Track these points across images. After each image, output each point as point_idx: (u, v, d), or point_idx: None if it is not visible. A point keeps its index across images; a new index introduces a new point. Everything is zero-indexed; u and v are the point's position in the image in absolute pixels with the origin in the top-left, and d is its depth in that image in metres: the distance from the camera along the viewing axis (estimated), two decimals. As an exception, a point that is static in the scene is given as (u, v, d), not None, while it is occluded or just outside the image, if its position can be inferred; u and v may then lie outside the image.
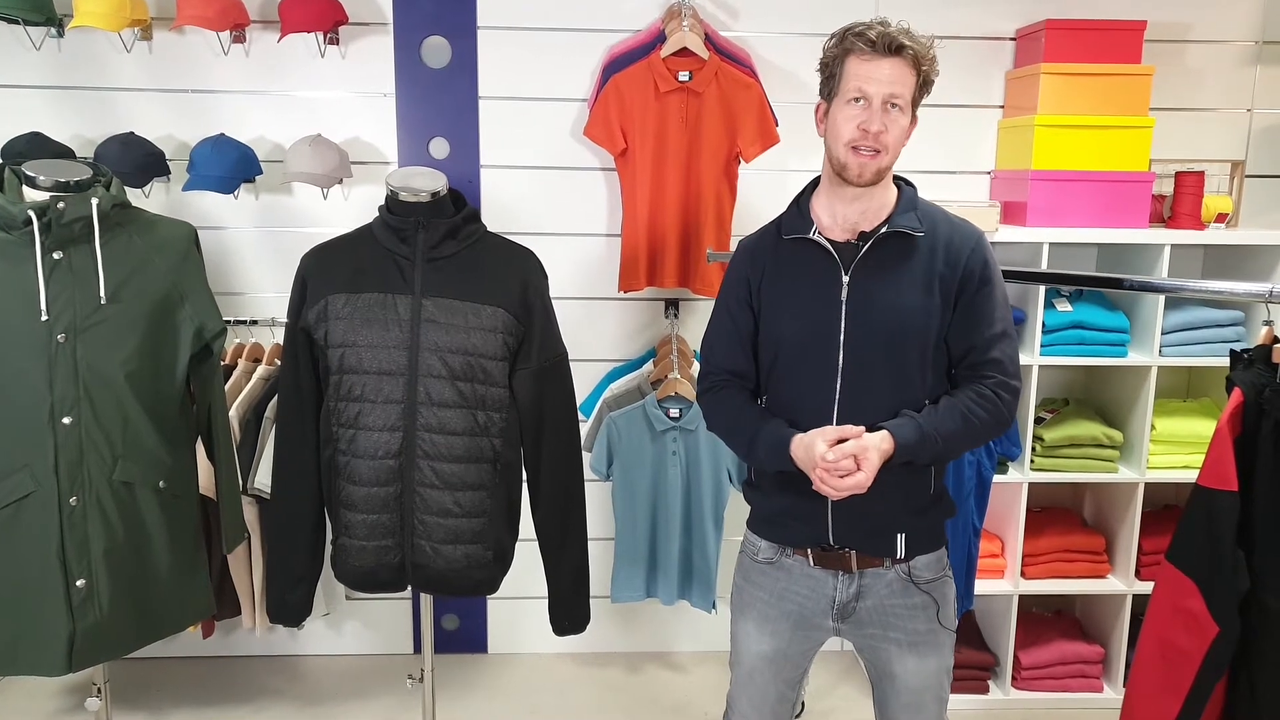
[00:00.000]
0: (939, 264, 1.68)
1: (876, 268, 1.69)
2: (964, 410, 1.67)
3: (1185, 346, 2.83)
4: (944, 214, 1.75)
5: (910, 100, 1.65)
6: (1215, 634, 1.67)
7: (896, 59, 1.61)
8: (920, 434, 1.64)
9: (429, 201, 1.97)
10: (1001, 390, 1.69)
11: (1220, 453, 1.69)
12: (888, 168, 1.67)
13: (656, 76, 2.79)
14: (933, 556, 1.79)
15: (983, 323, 1.69)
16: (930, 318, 1.68)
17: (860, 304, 1.68)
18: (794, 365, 1.74)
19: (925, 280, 1.68)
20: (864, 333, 1.68)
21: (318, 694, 3.07)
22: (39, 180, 1.84)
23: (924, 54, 1.63)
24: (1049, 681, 3.03)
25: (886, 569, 1.76)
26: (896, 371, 1.68)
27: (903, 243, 1.69)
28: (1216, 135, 3.07)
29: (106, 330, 1.82)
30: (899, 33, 1.62)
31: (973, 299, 1.69)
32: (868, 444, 1.61)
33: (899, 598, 1.77)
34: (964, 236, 1.71)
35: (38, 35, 2.81)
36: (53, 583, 1.80)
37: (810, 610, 1.81)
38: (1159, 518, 3.05)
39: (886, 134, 1.63)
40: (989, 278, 1.70)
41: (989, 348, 1.69)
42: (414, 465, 1.92)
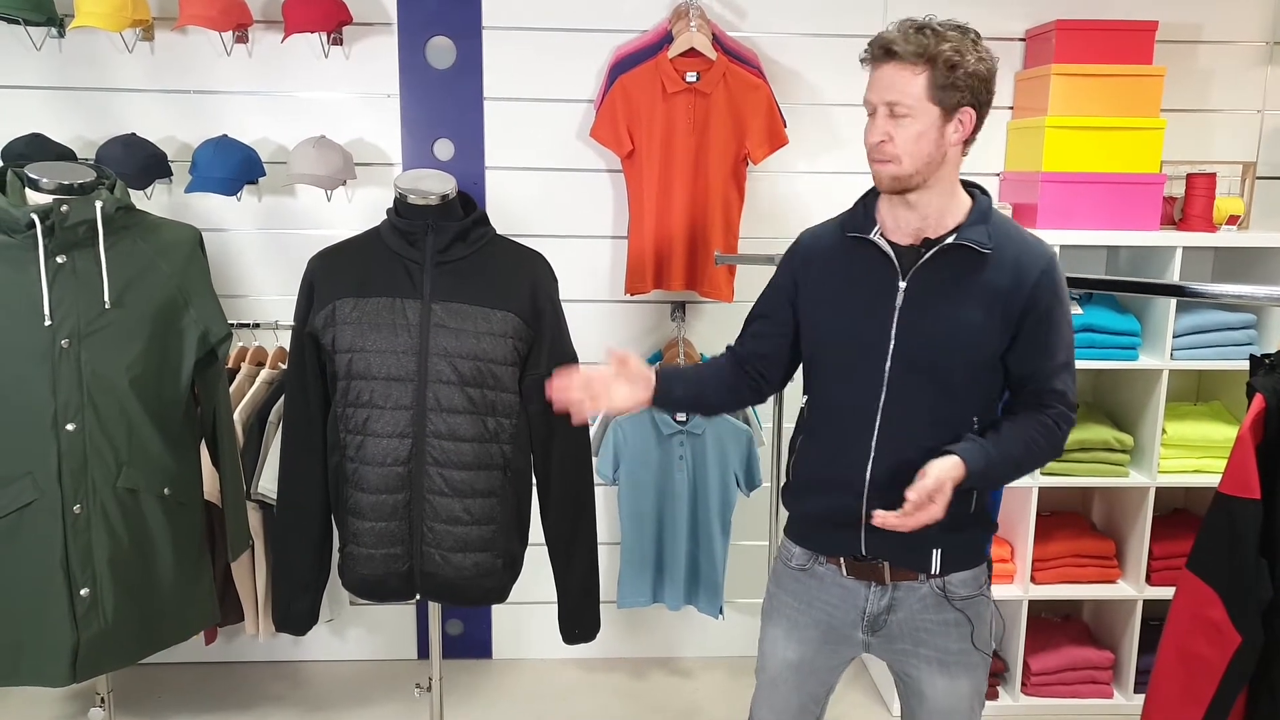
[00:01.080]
0: (1003, 283, 1.61)
1: (936, 277, 1.63)
2: (1028, 440, 1.63)
3: (1196, 349, 2.81)
4: (1017, 230, 1.67)
5: (925, 100, 1.53)
6: (1238, 644, 1.64)
7: (891, 63, 1.54)
8: (990, 462, 1.59)
9: (438, 204, 1.94)
10: (1062, 422, 1.65)
11: (1242, 460, 1.66)
12: (912, 174, 1.58)
13: (664, 77, 2.77)
14: (970, 574, 1.73)
15: (1047, 351, 1.63)
16: (986, 336, 1.62)
17: (914, 312, 1.63)
18: (838, 367, 1.70)
19: (986, 298, 1.61)
20: (915, 342, 1.63)
21: (321, 700, 3.04)
22: (42, 183, 1.82)
23: (919, 51, 1.52)
24: (1059, 687, 3.00)
25: (920, 583, 1.71)
26: (943, 385, 1.63)
27: (968, 256, 1.61)
28: (1227, 137, 3.05)
29: (111, 335, 1.80)
30: (892, 35, 1.54)
31: (1038, 325, 1.62)
32: (944, 481, 1.54)
33: (931, 613, 1.72)
34: (1034, 257, 1.63)
35: (38, 35, 2.78)
36: (56, 592, 1.78)
37: (840, 620, 1.77)
38: (1169, 522, 3.03)
39: (889, 143, 1.56)
40: (1057, 304, 1.63)
41: (1052, 377, 1.64)
42: (423, 472, 1.90)
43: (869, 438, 1.66)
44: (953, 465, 1.55)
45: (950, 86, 1.53)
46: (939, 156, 1.57)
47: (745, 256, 2.85)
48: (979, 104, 1.57)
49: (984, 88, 1.56)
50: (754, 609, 3.27)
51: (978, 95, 1.55)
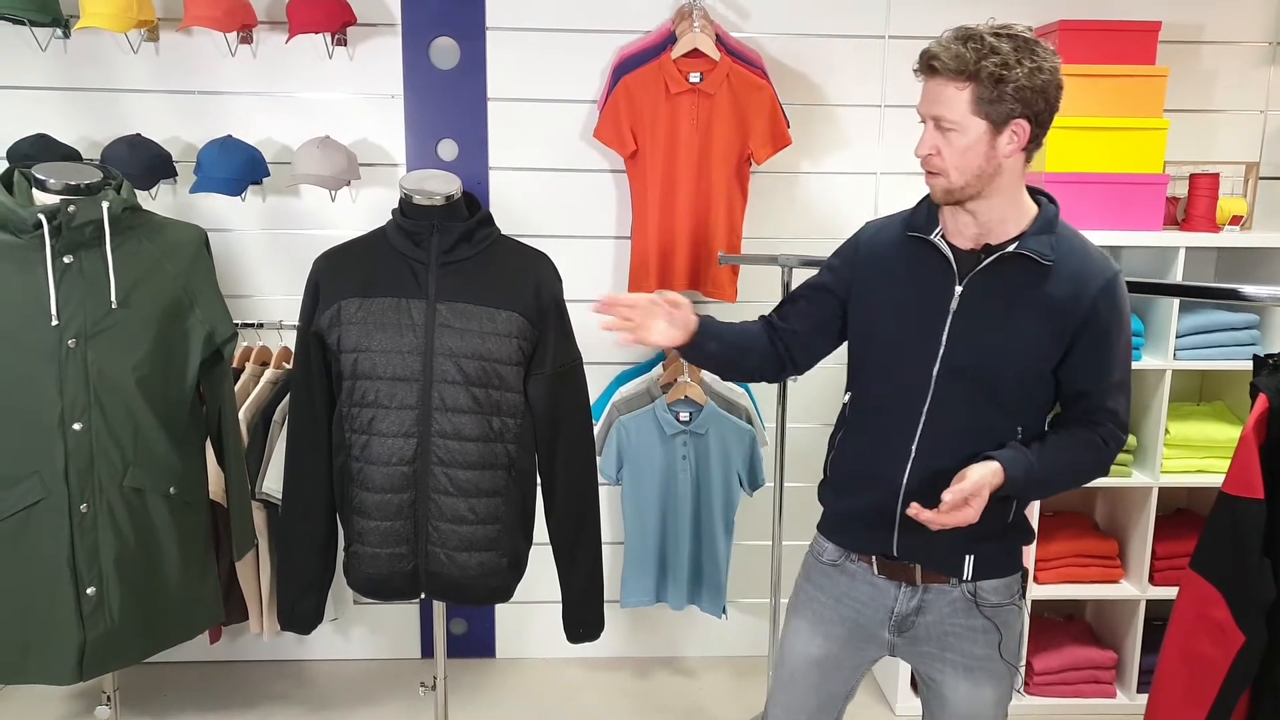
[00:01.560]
0: (1061, 295, 1.58)
1: (993, 285, 1.60)
2: (1073, 456, 1.62)
3: (1199, 350, 2.81)
4: (1081, 243, 1.64)
5: (970, 114, 1.50)
6: (1241, 643, 1.65)
7: (935, 79, 1.53)
8: (1030, 472, 1.57)
9: (443, 205, 1.94)
10: (1111, 441, 1.62)
11: (1246, 460, 1.67)
12: (962, 187, 1.55)
13: (667, 78, 2.77)
14: (1002, 582, 1.71)
15: (1102, 369, 1.60)
16: (1038, 348, 1.60)
17: (968, 317, 1.61)
18: (886, 369, 1.68)
19: (1042, 309, 1.58)
20: (965, 347, 1.61)
21: (325, 699, 3.04)
22: (49, 183, 1.82)
23: (960, 68, 1.48)
24: (1061, 687, 3.00)
25: (951, 586, 1.69)
26: (990, 394, 1.61)
27: (1027, 266, 1.58)
28: (1231, 137, 3.05)
29: (117, 335, 1.80)
30: (935, 49, 1.51)
31: (1095, 342, 1.59)
32: (983, 484, 1.52)
33: (960, 618, 1.70)
34: (1096, 272, 1.59)
35: (44, 36, 2.79)
36: (63, 591, 1.78)
37: (867, 619, 1.75)
38: (1172, 522, 3.03)
39: (937, 156, 1.55)
40: (1116, 321, 1.60)
41: (1105, 395, 1.61)
42: (428, 471, 1.90)
43: (910, 440, 1.65)
44: (993, 472, 1.54)
45: (997, 100, 1.49)
46: (990, 169, 1.54)
47: (748, 257, 2.85)
48: (1034, 114, 1.51)
49: (1038, 98, 1.50)
50: (757, 609, 3.29)
51: (1031, 106, 1.50)
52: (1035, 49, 1.50)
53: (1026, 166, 1.59)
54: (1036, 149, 1.57)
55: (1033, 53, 1.49)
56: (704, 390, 2.89)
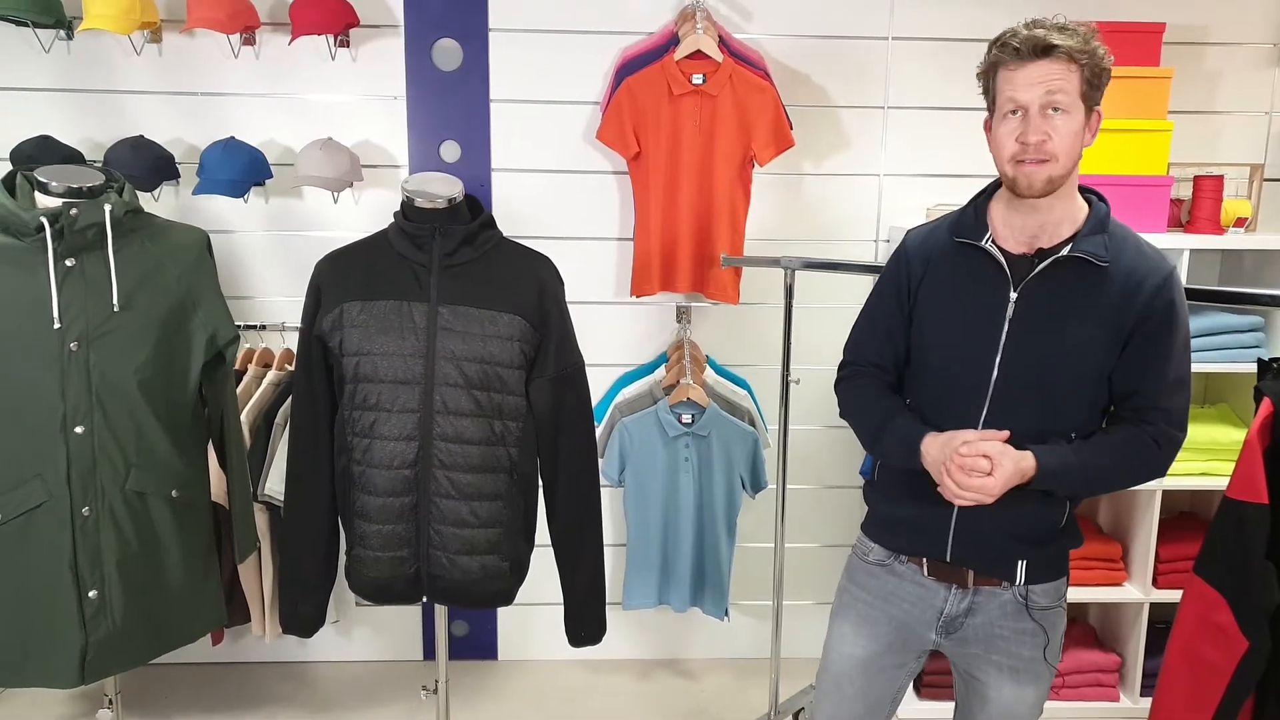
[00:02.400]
0: (1116, 296, 1.56)
1: (1049, 290, 1.58)
2: (1120, 453, 1.59)
3: (1204, 352, 2.80)
4: (1135, 241, 1.61)
5: (1079, 97, 1.51)
6: (1245, 649, 1.64)
7: (1047, 60, 1.49)
8: (1065, 464, 1.56)
9: (445, 208, 1.94)
10: (1163, 441, 1.59)
11: (1250, 464, 1.66)
12: (1064, 175, 1.53)
13: (670, 79, 2.77)
14: (1052, 585, 1.71)
15: (1156, 368, 1.58)
16: (1096, 353, 1.58)
17: (1025, 324, 1.59)
18: (942, 377, 1.67)
19: (1099, 313, 1.56)
20: (1023, 355, 1.59)
21: (327, 701, 3.05)
22: (51, 186, 1.82)
23: (1080, 47, 1.49)
24: (1064, 690, 3.00)
25: (1003, 590, 1.69)
26: (1049, 401, 1.60)
27: (1083, 268, 1.57)
28: (1235, 138, 3.04)
29: (119, 338, 1.80)
30: (1049, 30, 1.49)
31: (1149, 341, 1.57)
32: (1007, 450, 1.53)
33: (1010, 620, 1.70)
34: (1150, 270, 1.57)
35: (47, 38, 2.79)
36: (65, 594, 1.78)
37: (915, 619, 1.74)
38: (1175, 525, 3.02)
39: (1050, 141, 1.51)
40: (1172, 320, 1.57)
41: (1159, 395, 1.59)
42: (430, 475, 1.90)
43: None
44: (1022, 455, 1.54)
45: (1097, 85, 1.52)
46: (1078, 155, 1.54)
47: (751, 259, 2.85)
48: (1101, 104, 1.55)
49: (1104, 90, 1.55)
50: (760, 611, 3.28)
51: (1100, 97, 1.55)
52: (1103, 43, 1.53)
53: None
54: None
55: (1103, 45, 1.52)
56: (706, 392, 2.88)
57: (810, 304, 3.04)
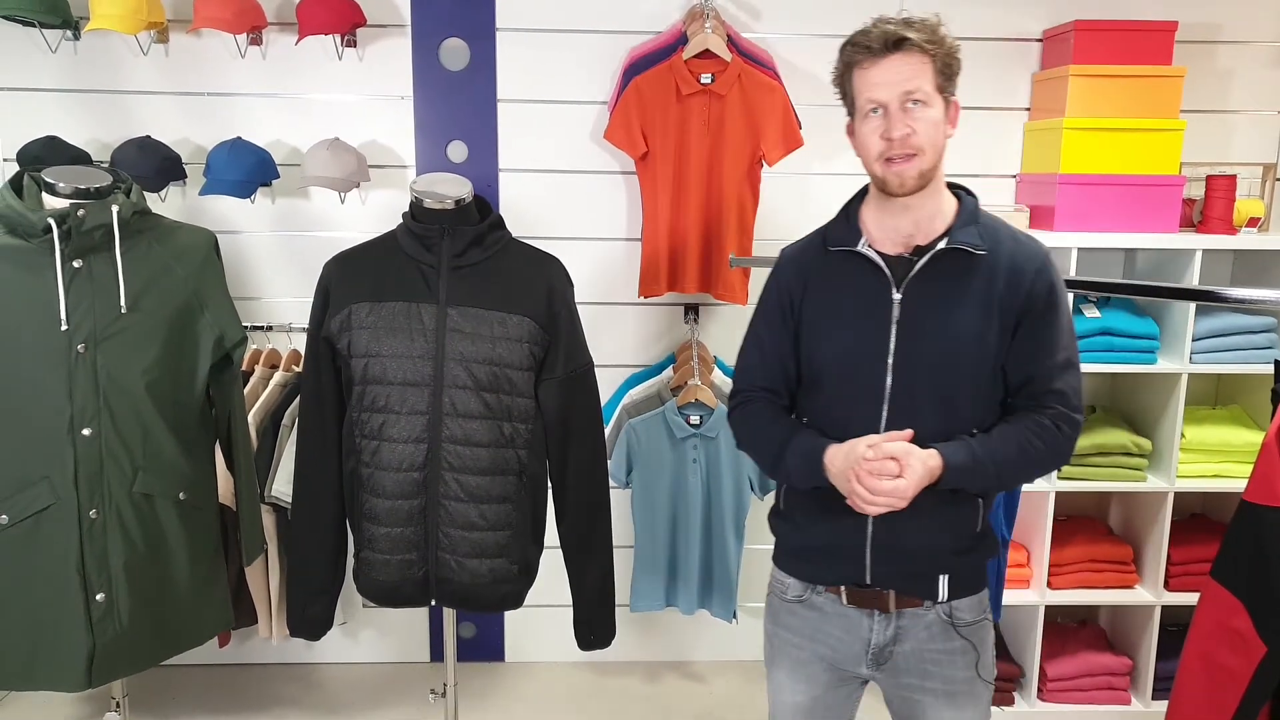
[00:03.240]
0: (1000, 285, 1.55)
1: (932, 286, 1.56)
2: (1021, 440, 1.55)
3: (1216, 353, 2.78)
4: (1008, 229, 1.60)
5: (934, 88, 1.51)
6: (1263, 654, 1.62)
7: (901, 54, 1.49)
8: (972, 458, 1.53)
9: (454, 209, 1.93)
10: (1062, 423, 1.56)
11: (1268, 467, 1.64)
12: (932, 168, 1.53)
13: (678, 79, 2.75)
14: (975, 599, 1.66)
15: (1045, 351, 1.56)
16: (987, 343, 1.55)
17: (912, 324, 1.56)
18: (837, 387, 1.62)
19: (984, 302, 1.55)
20: (915, 355, 1.56)
21: (334, 703, 3.04)
22: (59, 187, 1.81)
23: (930, 38, 1.49)
24: (1075, 693, 2.98)
25: (926, 610, 1.63)
26: (947, 399, 1.56)
27: (962, 260, 1.55)
28: (1248, 138, 3.02)
29: (127, 340, 1.79)
30: (899, 25, 1.49)
31: (1035, 325, 1.55)
32: (912, 449, 1.50)
33: (939, 642, 1.64)
34: (1029, 256, 1.57)
35: (54, 38, 2.79)
36: (72, 597, 1.77)
37: (844, 655, 1.68)
38: (1187, 527, 3.00)
39: (915, 135, 1.49)
40: (1054, 302, 1.56)
41: (1051, 378, 1.56)
42: (439, 477, 1.89)
43: None
44: (929, 454, 1.51)
45: (950, 74, 1.53)
46: (942, 146, 1.54)
47: (760, 259, 2.83)
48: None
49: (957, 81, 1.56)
50: (768, 613, 3.26)
51: (955, 87, 1.55)
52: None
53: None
54: None
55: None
56: (715, 393, 2.87)
57: (819, 304, 3.02)
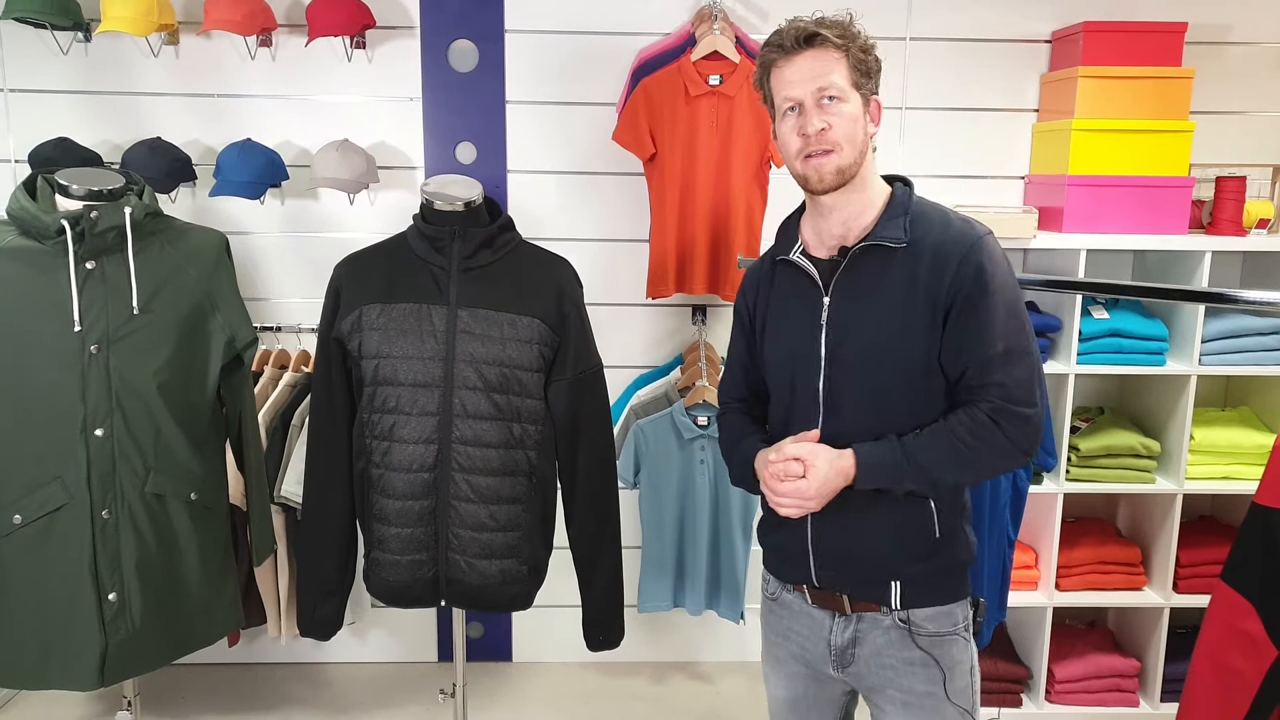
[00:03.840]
0: (924, 275, 1.49)
1: (856, 285, 1.54)
2: (950, 436, 1.49)
3: (1225, 355, 2.78)
4: (941, 217, 1.54)
5: (849, 85, 1.49)
6: (1274, 657, 1.61)
7: (813, 50, 1.48)
8: (890, 458, 1.48)
9: (464, 210, 1.94)
10: (1000, 417, 1.47)
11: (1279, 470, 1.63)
12: (852, 165, 1.51)
13: (686, 80, 2.76)
14: (940, 611, 1.58)
15: (977, 341, 1.48)
16: (914, 338, 1.50)
17: (839, 325, 1.54)
18: (782, 393, 1.63)
19: (908, 296, 1.50)
20: (842, 356, 1.54)
21: (343, 702, 3.05)
22: (72, 189, 1.82)
23: (841, 34, 1.48)
24: (1083, 695, 2.97)
25: (884, 615, 1.58)
26: (880, 399, 1.53)
27: (885, 256, 1.52)
28: (1258, 139, 3.01)
29: (139, 341, 1.80)
30: (810, 23, 1.49)
31: (964, 313, 1.48)
32: (820, 450, 1.49)
33: (896, 649, 1.58)
34: (955, 242, 1.50)
35: (65, 40, 2.80)
36: (85, 597, 1.78)
37: (812, 654, 1.66)
38: (1195, 529, 2.99)
39: (830, 130, 1.48)
40: (985, 286, 1.47)
41: (987, 369, 1.48)
42: (449, 478, 1.89)
43: None
44: (840, 453, 1.50)
45: (865, 72, 1.51)
46: (863, 146, 1.52)
47: (768, 260, 2.83)
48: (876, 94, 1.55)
49: (877, 77, 1.54)
50: (775, 614, 3.27)
51: (878, 86, 1.54)
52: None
53: (873, 153, 1.56)
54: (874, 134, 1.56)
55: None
56: (723, 394, 2.87)
57: (827, 306, 3.02)
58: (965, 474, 1.54)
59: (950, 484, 1.54)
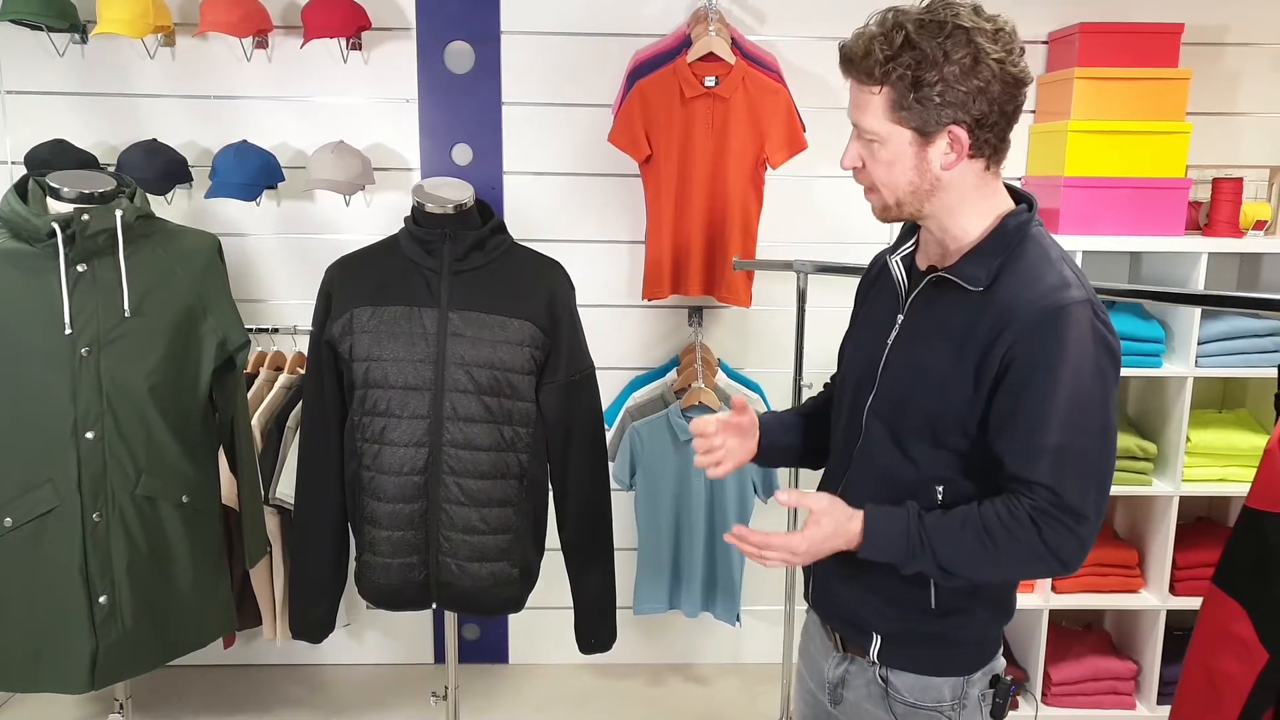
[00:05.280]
0: (982, 330, 1.27)
1: (924, 313, 1.37)
2: (978, 528, 1.27)
3: (1222, 357, 2.77)
4: (1038, 265, 1.29)
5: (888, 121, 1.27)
6: (1265, 661, 1.61)
7: (852, 79, 1.31)
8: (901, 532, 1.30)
9: (455, 213, 1.94)
10: (1043, 520, 1.24)
11: (1270, 474, 1.63)
12: (898, 204, 1.33)
13: (682, 82, 2.75)
14: (921, 680, 1.40)
15: (1024, 427, 1.24)
16: (949, 390, 1.30)
17: (899, 351, 1.39)
18: (839, 403, 1.52)
19: (960, 344, 1.30)
20: (890, 385, 1.39)
21: (338, 704, 3.05)
22: (63, 192, 1.83)
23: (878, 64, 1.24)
24: (1080, 698, 2.97)
25: (869, 665, 1.44)
26: (899, 440, 1.37)
27: (957, 294, 1.32)
28: (1254, 140, 3.00)
29: (130, 343, 1.81)
30: (851, 39, 1.30)
31: (1014, 391, 1.25)
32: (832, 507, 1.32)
33: (872, 705, 1.44)
34: (1028, 301, 1.24)
35: (61, 41, 2.80)
36: (75, 599, 1.79)
37: (816, 680, 1.56)
38: (1192, 530, 2.99)
39: (862, 172, 1.34)
40: (1044, 366, 1.23)
41: (1031, 463, 1.24)
42: (440, 481, 1.89)
43: (838, 487, 1.45)
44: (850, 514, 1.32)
45: (918, 105, 1.24)
46: (927, 184, 1.29)
47: (763, 262, 2.83)
48: (975, 119, 1.24)
49: (977, 99, 1.23)
50: (771, 616, 3.26)
51: (968, 109, 1.23)
52: (973, 38, 1.22)
53: (989, 173, 1.31)
54: (999, 155, 1.30)
55: (968, 43, 1.22)
56: (718, 396, 2.87)
57: (823, 307, 3.01)
58: (986, 573, 1.33)
59: (963, 580, 1.33)
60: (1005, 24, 1.27)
